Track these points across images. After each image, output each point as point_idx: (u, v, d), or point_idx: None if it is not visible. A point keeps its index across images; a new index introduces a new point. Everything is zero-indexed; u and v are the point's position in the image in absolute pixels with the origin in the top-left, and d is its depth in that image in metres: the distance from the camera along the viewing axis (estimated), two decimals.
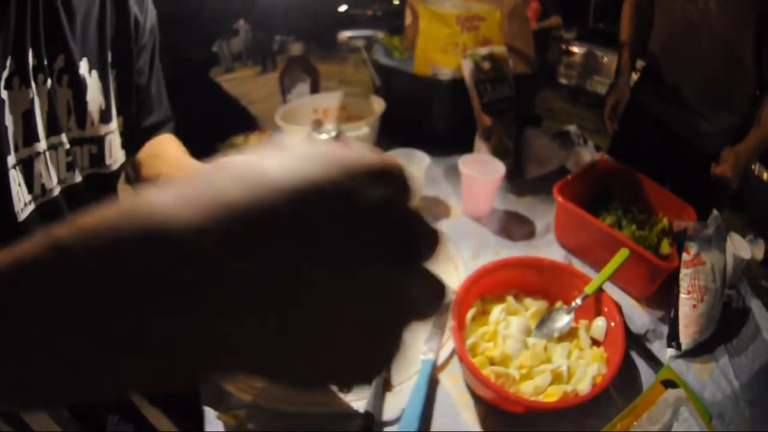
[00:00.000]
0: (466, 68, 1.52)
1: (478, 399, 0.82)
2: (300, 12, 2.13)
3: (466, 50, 1.57)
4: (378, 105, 1.74)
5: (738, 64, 1.79)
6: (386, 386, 0.83)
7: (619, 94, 2.09)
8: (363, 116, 1.83)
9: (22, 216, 0.83)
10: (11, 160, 0.80)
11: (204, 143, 1.98)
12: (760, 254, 3.13)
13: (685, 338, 0.92)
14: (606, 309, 0.89)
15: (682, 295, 0.97)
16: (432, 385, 0.84)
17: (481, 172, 1.26)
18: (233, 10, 2.12)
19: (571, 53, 9.21)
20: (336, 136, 1.35)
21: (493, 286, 0.93)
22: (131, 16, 1.05)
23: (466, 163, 1.27)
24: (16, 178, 0.82)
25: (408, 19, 1.93)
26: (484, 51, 1.56)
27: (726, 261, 1.03)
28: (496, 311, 0.89)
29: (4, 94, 0.77)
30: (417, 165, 1.34)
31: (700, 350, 0.94)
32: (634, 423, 0.75)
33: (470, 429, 0.80)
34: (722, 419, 0.83)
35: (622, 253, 0.97)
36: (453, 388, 0.85)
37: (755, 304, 1.07)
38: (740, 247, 1.11)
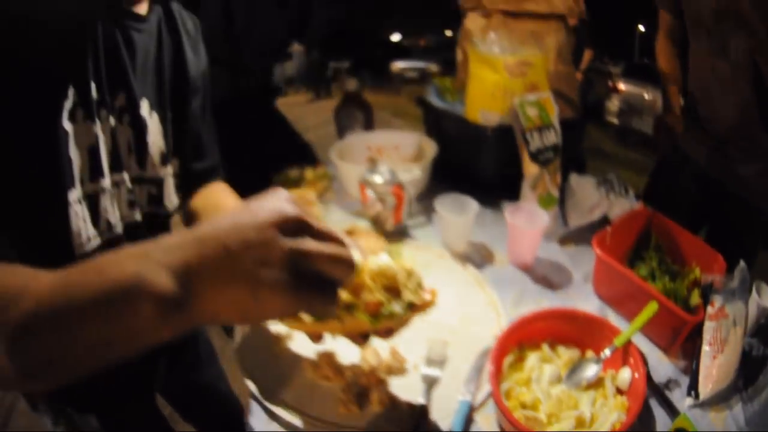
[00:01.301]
0: (514, 116, 1.56)
1: None
2: (354, 38, 2.17)
3: (515, 96, 1.60)
4: (430, 148, 1.83)
5: None
6: (426, 424, 0.94)
7: (672, 121, 2.14)
8: (415, 156, 1.95)
9: (86, 249, 0.85)
10: (76, 193, 0.82)
11: (261, 170, 2.06)
12: None
13: (704, 388, 1.00)
14: (632, 360, 0.98)
15: (705, 347, 1.04)
16: (467, 423, 0.94)
17: (527, 221, 1.36)
18: (286, 28, 2.17)
19: (618, 90, 9.14)
20: (390, 179, 1.46)
21: (531, 335, 1.04)
22: (186, 59, 1.09)
23: (512, 212, 1.37)
24: (80, 212, 0.84)
25: (459, 58, 2.03)
26: (531, 97, 1.59)
27: (748, 312, 1.09)
28: (532, 359, 1.00)
29: (68, 126, 0.78)
30: (466, 211, 1.43)
31: (717, 399, 1.01)
32: None
33: None
34: None
35: (651, 307, 1.06)
36: (486, 427, 0.95)
37: None
38: (766, 296, 1.14)
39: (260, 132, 2.33)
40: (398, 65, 15.54)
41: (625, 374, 0.98)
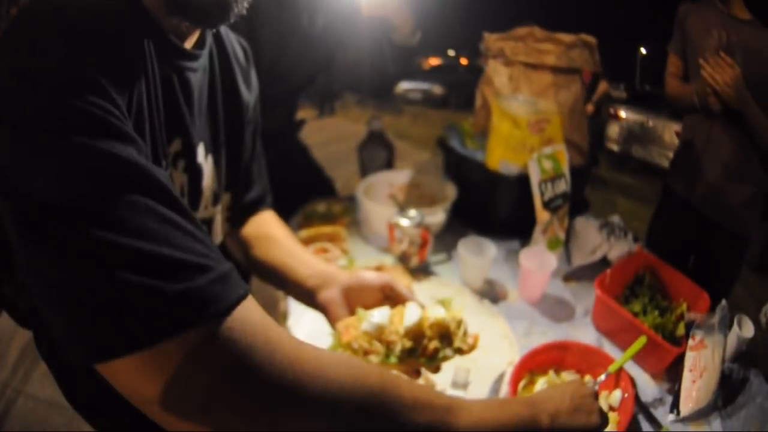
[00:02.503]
0: (532, 170, 1.68)
1: None
2: (373, 72, 2.14)
3: (533, 151, 1.73)
4: (450, 190, 1.98)
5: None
6: None
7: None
8: (434, 196, 2.09)
9: None
10: None
11: (282, 200, 2.19)
12: None
13: (685, 407, 1.18)
14: (623, 383, 1.19)
15: (686, 373, 1.22)
16: None
17: (537, 263, 1.55)
18: (313, 64, 2.17)
19: (619, 118, 9.18)
20: (417, 222, 1.63)
21: (540, 363, 1.25)
22: (240, 92, 1.05)
23: (525, 256, 1.56)
24: None
25: (478, 102, 2.13)
26: (547, 150, 1.72)
27: (726, 343, 1.27)
28: (540, 382, 1.20)
29: None
30: (485, 254, 1.62)
31: (696, 415, 1.19)
32: None
33: None
34: None
35: (640, 341, 1.26)
36: None
37: (753, 374, 1.28)
38: (746, 328, 1.35)
39: (284, 163, 2.25)
40: (402, 86, 15.43)
41: (616, 394, 1.18)
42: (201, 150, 0.92)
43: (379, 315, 1.01)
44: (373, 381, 0.66)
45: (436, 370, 1.00)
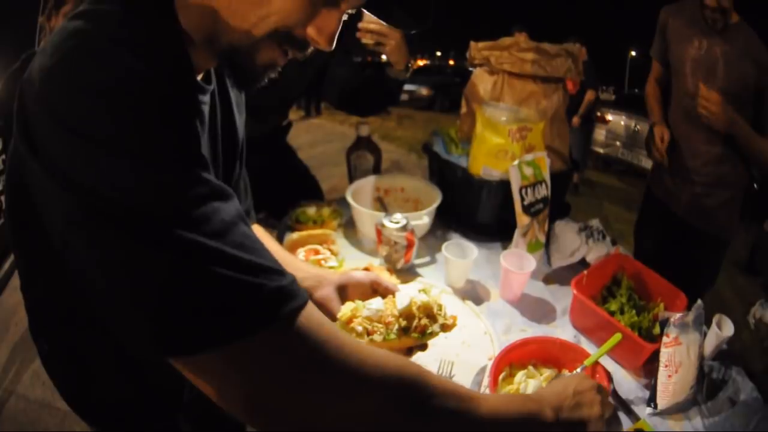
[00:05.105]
0: (513, 176, 1.73)
1: None
2: (366, 93, 2.23)
3: (515, 158, 1.78)
4: (435, 195, 2.02)
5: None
6: None
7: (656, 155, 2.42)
8: (419, 199, 2.15)
9: None
10: None
11: (272, 203, 2.20)
12: None
13: (661, 400, 1.23)
14: (598, 376, 1.24)
15: (661, 368, 1.26)
16: None
17: (517, 265, 1.60)
18: (306, 82, 2.24)
19: (606, 121, 9.26)
20: (403, 226, 1.67)
21: (519, 357, 1.29)
22: (235, 120, 1.13)
23: (505, 257, 1.60)
24: None
25: (464, 109, 2.21)
26: (528, 157, 1.77)
27: (703, 341, 1.32)
28: (519, 375, 1.24)
29: None
30: (467, 255, 1.67)
31: (674, 409, 1.25)
32: None
33: None
34: None
35: (615, 338, 1.32)
36: None
37: (735, 371, 1.33)
38: (725, 327, 1.38)
39: (273, 167, 2.44)
40: None
41: None
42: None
43: (376, 303, 1.24)
44: (413, 370, 0.77)
45: (423, 348, 1.14)
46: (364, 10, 0.87)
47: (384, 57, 2.01)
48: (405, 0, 0.89)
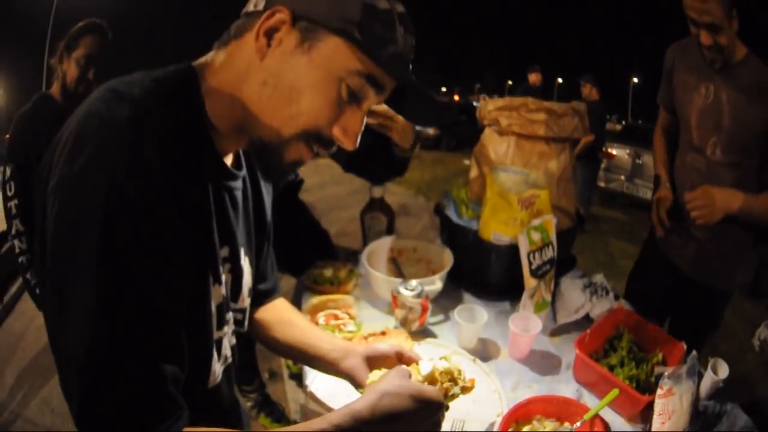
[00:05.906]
0: (522, 242, 1.81)
1: None
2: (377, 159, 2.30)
3: (524, 224, 1.86)
4: (447, 257, 2.13)
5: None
6: None
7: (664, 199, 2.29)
8: (431, 258, 2.26)
9: (217, 380, 1.00)
10: (213, 342, 0.94)
11: (286, 258, 2.28)
12: None
13: None
14: (596, 428, 1.37)
15: (655, 416, 1.38)
16: None
17: (524, 327, 1.73)
18: None
19: (611, 156, 9.26)
20: (419, 293, 1.80)
21: (525, 413, 1.42)
22: (264, 200, 1.15)
23: (514, 320, 1.73)
24: (215, 355, 0.97)
25: (473, 173, 2.29)
26: (536, 222, 1.85)
27: (697, 388, 1.42)
28: (526, 429, 1.39)
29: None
30: (477, 319, 1.79)
31: None
32: None
33: None
34: None
35: (613, 393, 1.45)
36: None
37: (730, 406, 1.40)
38: (720, 370, 1.50)
39: (286, 224, 2.34)
40: None
41: None
42: (242, 253, 1.04)
43: None
44: None
45: (446, 409, 1.23)
46: None
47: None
48: (421, 98, 0.95)
